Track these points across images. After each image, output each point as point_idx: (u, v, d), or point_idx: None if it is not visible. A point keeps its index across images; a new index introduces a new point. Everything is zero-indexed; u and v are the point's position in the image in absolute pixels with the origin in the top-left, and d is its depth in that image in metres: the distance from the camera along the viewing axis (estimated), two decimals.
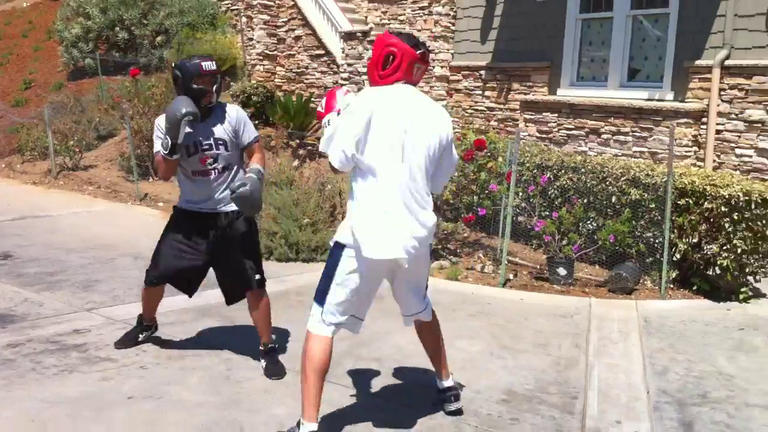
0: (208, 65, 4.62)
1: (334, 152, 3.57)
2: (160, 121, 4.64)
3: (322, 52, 13.39)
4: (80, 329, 5.47)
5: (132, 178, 11.21)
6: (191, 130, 4.58)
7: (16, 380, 4.50)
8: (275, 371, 4.73)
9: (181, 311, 5.92)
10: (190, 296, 5.06)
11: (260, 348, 4.88)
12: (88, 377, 4.59)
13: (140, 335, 5.22)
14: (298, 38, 14.10)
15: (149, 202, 10.58)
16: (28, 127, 13.70)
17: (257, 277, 4.75)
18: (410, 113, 3.61)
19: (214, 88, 4.62)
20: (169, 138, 4.48)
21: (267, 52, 14.59)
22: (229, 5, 15.78)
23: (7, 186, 12.18)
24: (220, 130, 4.66)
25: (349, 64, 12.15)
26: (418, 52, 3.70)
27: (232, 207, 4.66)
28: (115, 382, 4.52)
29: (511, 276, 7.31)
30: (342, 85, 12.10)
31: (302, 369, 3.67)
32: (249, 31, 14.78)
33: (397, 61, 3.66)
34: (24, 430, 3.88)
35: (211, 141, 4.65)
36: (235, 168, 4.76)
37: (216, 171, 4.68)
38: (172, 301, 6.17)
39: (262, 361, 4.84)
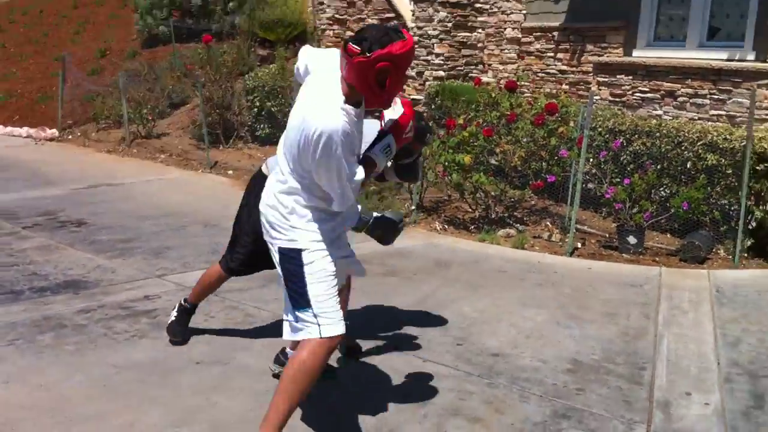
0: None
1: None
2: None
3: (393, 15, 13.24)
4: (151, 295, 5.60)
5: (203, 146, 11.37)
6: None
7: (88, 345, 4.63)
8: None
9: (248, 278, 5.97)
10: None
11: None
12: (157, 342, 4.69)
13: None
14: (368, 2, 13.96)
15: (219, 170, 10.73)
16: (103, 95, 13.96)
17: None
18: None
19: None
20: None
21: (337, 16, 14.52)
22: None
23: (83, 154, 12.47)
24: None
25: (419, 27, 11.97)
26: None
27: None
28: (183, 348, 4.61)
29: (579, 245, 7.17)
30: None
31: (295, 381, 3.20)
32: None
33: None
34: (95, 393, 3.99)
35: None
36: None
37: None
38: None
39: None
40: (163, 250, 6.86)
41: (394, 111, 3.40)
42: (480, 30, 11.92)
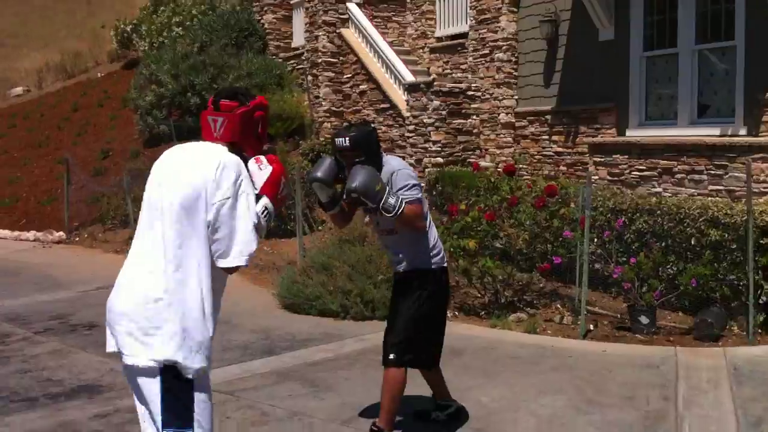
0: (340, 142, 4.42)
1: None
2: None
3: (387, 105, 13.53)
4: None
5: None
6: (332, 192, 4.53)
7: None
8: None
9: (262, 375, 5.98)
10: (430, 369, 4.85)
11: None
12: None
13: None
14: (363, 93, 14.30)
15: None
16: (108, 196, 14.10)
17: (391, 356, 4.41)
18: (167, 167, 3.25)
19: (355, 161, 4.37)
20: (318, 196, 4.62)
21: (333, 108, 14.82)
22: (295, 65, 16.13)
23: (91, 255, 12.54)
24: None
25: (414, 116, 12.23)
26: (211, 101, 3.30)
27: (402, 268, 4.53)
28: None
29: (591, 327, 7.16)
30: (408, 137, 12.19)
31: None
32: (315, 89, 15.06)
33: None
34: None
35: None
36: (403, 233, 4.47)
37: (384, 232, 4.59)
38: (251, 365, 6.27)
39: None
40: None
41: (262, 171, 3.26)
42: (474, 116, 12.17)
